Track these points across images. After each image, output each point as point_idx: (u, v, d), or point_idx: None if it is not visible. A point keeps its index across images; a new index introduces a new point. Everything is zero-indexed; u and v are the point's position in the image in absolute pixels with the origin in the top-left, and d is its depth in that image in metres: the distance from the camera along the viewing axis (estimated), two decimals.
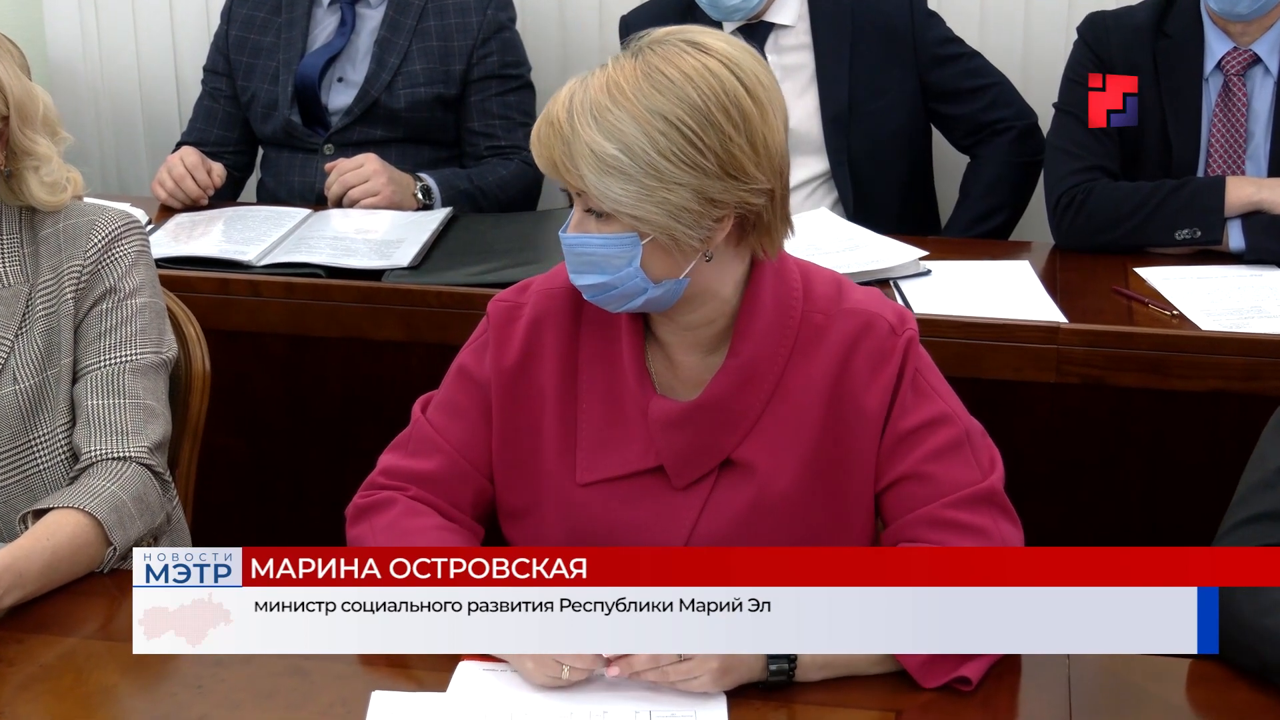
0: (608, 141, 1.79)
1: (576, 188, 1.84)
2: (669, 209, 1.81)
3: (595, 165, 1.80)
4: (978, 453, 1.94)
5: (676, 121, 1.79)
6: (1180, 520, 2.79)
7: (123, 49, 4.33)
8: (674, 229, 1.82)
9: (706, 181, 1.81)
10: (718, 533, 1.95)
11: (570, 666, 1.77)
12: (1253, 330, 2.73)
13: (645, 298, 1.88)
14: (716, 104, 1.80)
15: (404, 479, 2.02)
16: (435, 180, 3.49)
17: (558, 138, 1.82)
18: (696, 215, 1.82)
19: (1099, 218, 3.10)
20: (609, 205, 1.82)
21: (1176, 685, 1.84)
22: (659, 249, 1.85)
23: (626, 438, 1.97)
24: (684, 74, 1.81)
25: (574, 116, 1.81)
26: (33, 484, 2.18)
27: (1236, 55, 3.13)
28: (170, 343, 2.28)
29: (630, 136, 1.79)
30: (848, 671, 1.82)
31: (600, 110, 1.80)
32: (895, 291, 2.92)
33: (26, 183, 2.19)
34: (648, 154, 1.79)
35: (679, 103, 1.80)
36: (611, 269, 1.86)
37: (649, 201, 1.80)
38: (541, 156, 1.86)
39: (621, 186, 1.80)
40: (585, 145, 1.80)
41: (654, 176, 1.80)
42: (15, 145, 2.18)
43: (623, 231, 1.84)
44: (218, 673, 1.84)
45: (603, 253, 1.85)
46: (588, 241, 1.86)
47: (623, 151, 1.79)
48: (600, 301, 1.91)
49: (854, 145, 3.46)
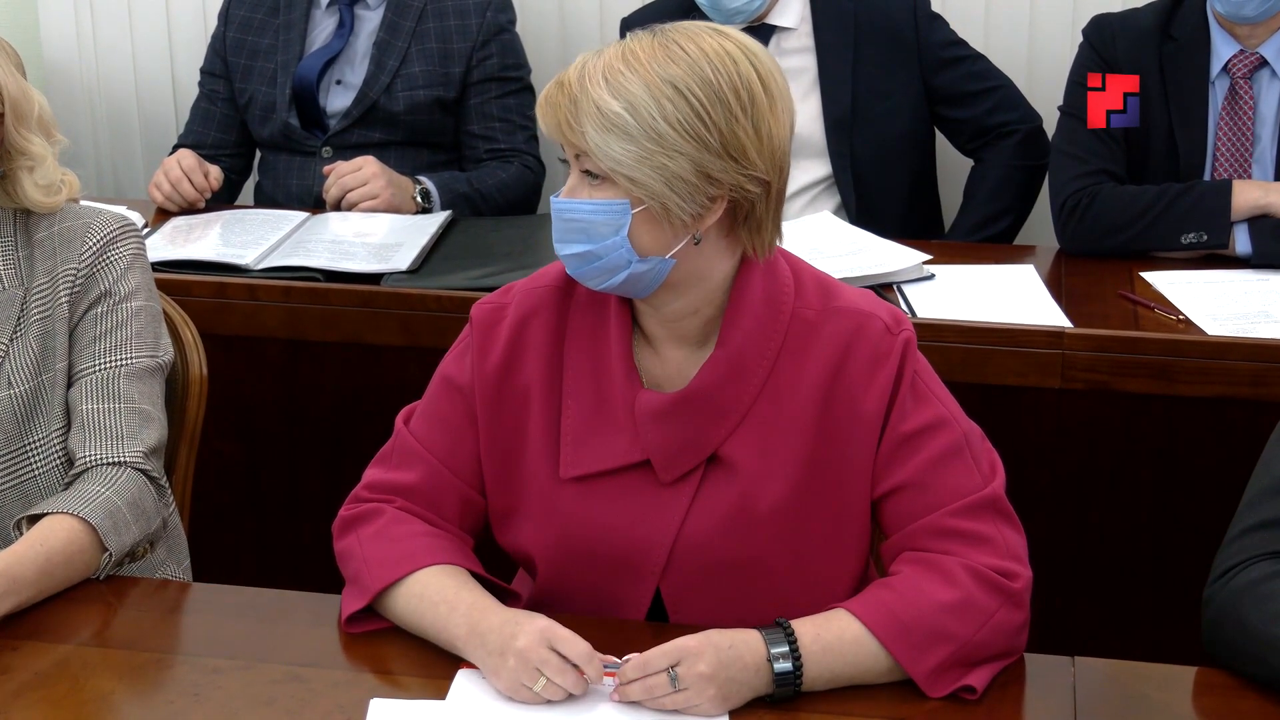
0: (614, 99, 1.80)
1: (578, 147, 1.84)
2: (665, 176, 1.81)
3: (599, 122, 1.80)
4: (978, 458, 1.92)
5: (685, 90, 1.80)
6: (1186, 526, 2.79)
7: (119, 50, 4.32)
8: (667, 198, 1.82)
9: (707, 157, 1.81)
10: (705, 532, 1.94)
11: (549, 681, 1.76)
12: (1259, 335, 2.73)
13: (629, 272, 1.86)
14: (728, 83, 1.82)
15: (389, 492, 2.01)
16: (434, 183, 3.48)
17: (566, 97, 1.83)
18: (691, 188, 1.82)
19: (1104, 222, 3.09)
20: (607, 164, 1.82)
21: (1183, 694, 1.84)
22: (649, 220, 1.84)
23: (613, 432, 1.95)
24: (702, 50, 1.83)
25: (585, 78, 1.83)
26: (28, 489, 2.16)
27: (1243, 58, 3.12)
28: (166, 346, 2.26)
29: (637, 98, 1.80)
30: (853, 681, 1.81)
31: (612, 72, 1.82)
32: (899, 296, 2.91)
33: (20, 184, 2.18)
34: (652, 117, 1.80)
35: (692, 74, 1.81)
36: (598, 236, 1.85)
37: (647, 164, 1.81)
38: (547, 117, 1.86)
39: (622, 146, 1.80)
40: (592, 102, 1.81)
41: (655, 140, 1.80)
42: (10, 144, 2.16)
43: (615, 198, 1.84)
44: (215, 680, 1.83)
45: (591, 218, 1.85)
46: (578, 206, 1.86)
47: (627, 110, 1.80)
48: (582, 275, 1.90)
49: (857, 149, 3.45)
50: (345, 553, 1.98)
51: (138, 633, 1.94)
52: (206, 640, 1.94)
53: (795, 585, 1.93)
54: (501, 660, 1.78)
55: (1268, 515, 1.90)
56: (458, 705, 1.78)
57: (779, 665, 1.77)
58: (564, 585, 1.99)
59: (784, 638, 1.79)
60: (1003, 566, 1.84)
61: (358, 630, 1.92)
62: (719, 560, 1.93)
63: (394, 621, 1.92)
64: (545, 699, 1.77)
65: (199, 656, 1.89)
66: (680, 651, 1.75)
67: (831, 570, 1.95)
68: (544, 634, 1.78)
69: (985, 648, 1.81)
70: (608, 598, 1.98)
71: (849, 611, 1.83)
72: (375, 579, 1.91)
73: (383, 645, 1.91)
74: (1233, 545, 1.92)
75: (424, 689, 1.82)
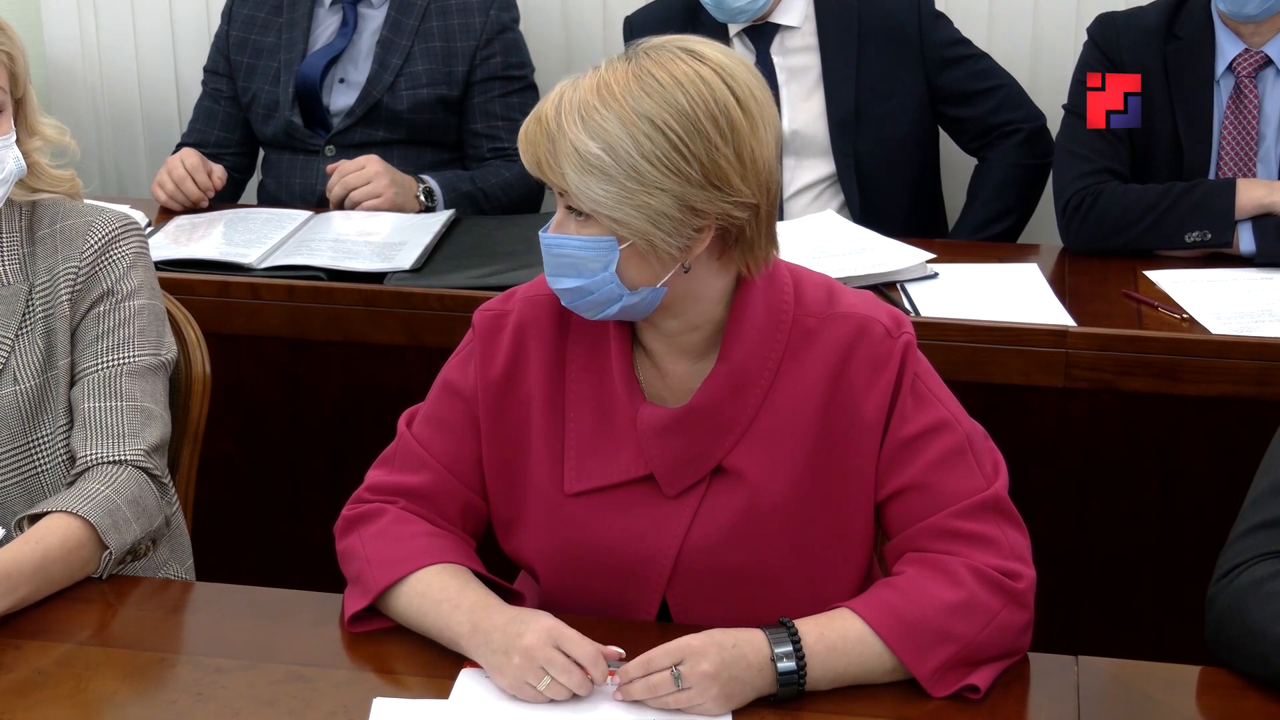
0: (591, 140, 1.78)
1: (559, 186, 1.83)
2: (649, 214, 1.79)
3: (577, 163, 1.78)
4: (980, 458, 1.92)
5: (663, 126, 1.77)
6: (1190, 526, 2.78)
7: (122, 49, 4.32)
8: (652, 235, 1.80)
9: (689, 190, 1.79)
10: (709, 542, 1.93)
11: (553, 680, 1.76)
12: (1263, 334, 2.72)
13: (621, 305, 1.86)
14: (705, 112, 1.79)
15: (391, 493, 2.01)
16: (438, 182, 3.47)
17: (544, 135, 1.81)
18: (676, 223, 1.80)
19: (1108, 221, 3.09)
20: (588, 205, 1.80)
21: (1187, 693, 1.84)
22: (636, 255, 1.83)
23: (616, 446, 1.95)
24: (675, 79, 1.79)
25: (561, 115, 1.80)
26: (32, 486, 2.16)
27: (1248, 57, 3.11)
28: (170, 344, 2.26)
29: (614, 137, 1.77)
30: (857, 681, 1.80)
31: (587, 109, 1.79)
32: (902, 295, 2.90)
33: (37, 164, 2.19)
34: (630, 156, 1.77)
35: (667, 107, 1.78)
36: (588, 272, 1.84)
37: (629, 204, 1.79)
38: (527, 154, 1.85)
39: (602, 187, 1.78)
40: (569, 143, 1.79)
41: (635, 179, 1.78)
42: (29, 124, 2.18)
43: (601, 235, 1.82)
44: (218, 679, 1.83)
45: (579, 255, 1.84)
46: (565, 242, 1.85)
47: (605, 151, 1.77)
48: (577, 307, 1.89)
49: (861, 147, 3.45)
50: (347, 552, 1.98)
51: (140, 632, 1.94)
52: (209, 640, 1.94)
53: (799, 589, 1.92)
54: (506, 658, 1.78)
55: (1271, 514, 1.90)
56: (461, 705, 1.78)
57: (782, 665, 1.77)
58: (569, 594, 1.99)
59: (787, 637, 1.78)
60: (1006, 567, 1.84)
61: (360, 630, 1.92)
62: (724, 568, 1.93)
63: (396, 620, 1.92)
64: (549, 698, 1.77)
65: (201, 656, 1.89)
66: (683, 650, 1.75)
67: (835, 573, 1.94)
68: (550, 633, 1.78)
69: (989, 648, 1.81)
70: (614, 606, 1.97)
71: (853, 611, 1.82)
72: (378, 578, 1.91)
73: (385, 645, 1.91)
74: (1236, 544, 1.91)
75: (427, 689, 1.81)
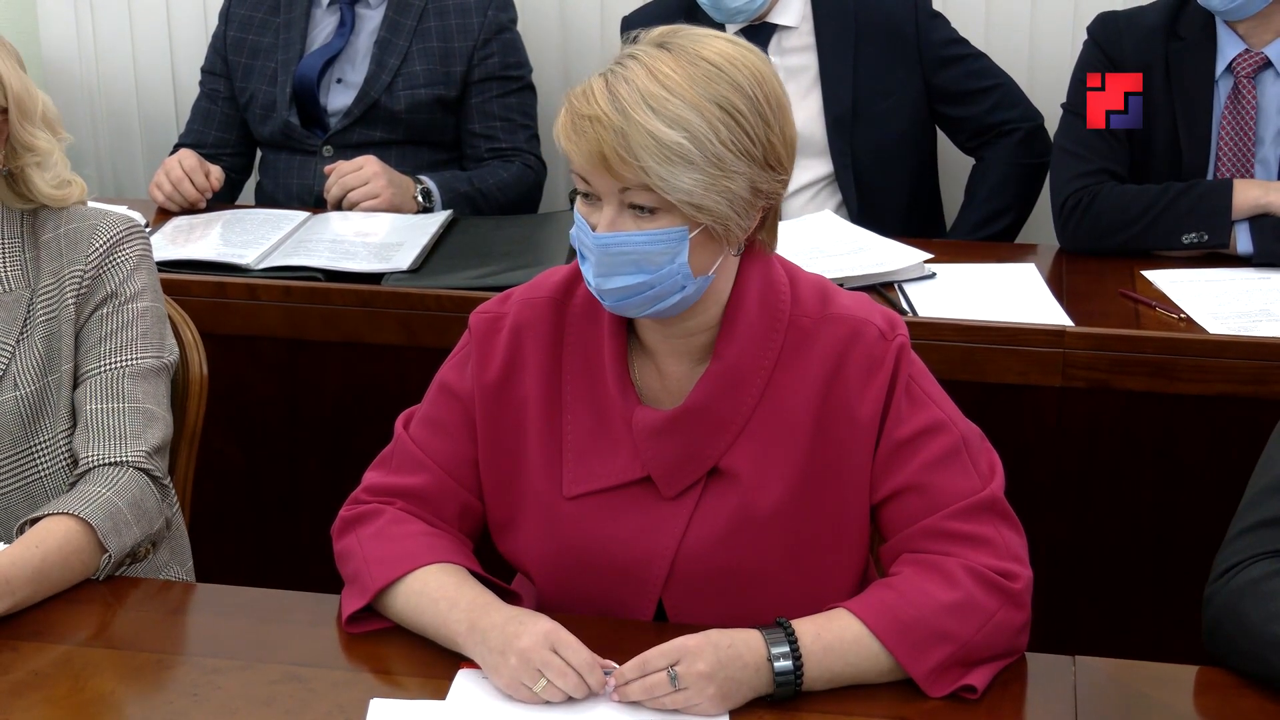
0: (670, 129, 1.75)
1: (630, 181, 1.78)
2: (729, 198, 1.79)
3: (660, 155, 1.75)
4: (976, 459, 1.91)
5: (730, 109, 1.78)
6: (1187, 525, 2.78)
7: (119, 50, 4.31)
8: (729, 219, 1.81)
9: (756, 171, 1.81)
10: (706, 544, 1.93)
11: (549, 683, 1.75)
12: (1260, 334, 2.73)
13: (681, 295, 1.84)
14: (760, 91, 1.80)
15: (389, 494, 2.01)
16: (435, 182, 3.47)
17: (609, 130, 1.76)
18: (747, 205, 1.82)
19: (1105, 221, 3.09)
20: (675, 195, 1.77)
21: (1184, 693, 1.84)
22: (705, 242, 1.82)
23: (612, 449, 1.94)
24: (727, 60, 1.80)
25: (626, 108, 1.76)
26: (34, 490, 2.16)
27: (1248, 58, 3.11)
28: (172, 347, 2.26)
29: (694, 124, 1.76)
30: (854, 681, 1.80)
31: (656, 100, 1.76)
32: (900, 294, 2.90)
33: (30, 180, 2.18)
34: (712, 143, 1.77)
35: (732, 89, 1.78)
36: (653, 267, 1.81)
37: (714, 190, 1.78)
38: (584, 151, 1.78)
39: (690, 176, 1.76)
40: (647, 135, 1.75)
41: (717, 165, 1.77)
42: (16, 140, 2.16)
43: (672, 225, 1.80)
44: (214, 680, 1.83)
45: (646, 249, 1.81)
46: (629, 239, 1.81)
47: (689, 139, 1.76)
48: (623, 306, 1.86)
49: (858, 147, 3.45)
50: (345, 553, 1.98)
51: (137, 632, 1.94)
52: (206, 640, 1.94)
53: (795, 591, 1.92)
54: (503, 659, 1.78)
55: (1268, 514, 1.90)
56: (458, 705, 1.78)
57: (779, 665, 1.77)
58: (565, 595, 1.99)
59: (784, 637, 1.78)
60: (1003, 567, 1.84)
61: (358, 630, 1.92)
62: (720, 569, 1.93)
63: (394, 620, 1.92)
64: (544, 700, 1.77)
65: (198, 656, 1.89)
66: (680, 650, 1.75)
67: (831, 575, 1.94)
68: (548, 636, 1.78)
69: (986, 648, 1.81)
70: (609, 608, 1.97)
71: (849, 611, 1.82)
72: (375, 578, 1.91)
73: (383, 645, 1.91)
74: (1233, 544, 1.92)
75: (424, 689, 1.81)
